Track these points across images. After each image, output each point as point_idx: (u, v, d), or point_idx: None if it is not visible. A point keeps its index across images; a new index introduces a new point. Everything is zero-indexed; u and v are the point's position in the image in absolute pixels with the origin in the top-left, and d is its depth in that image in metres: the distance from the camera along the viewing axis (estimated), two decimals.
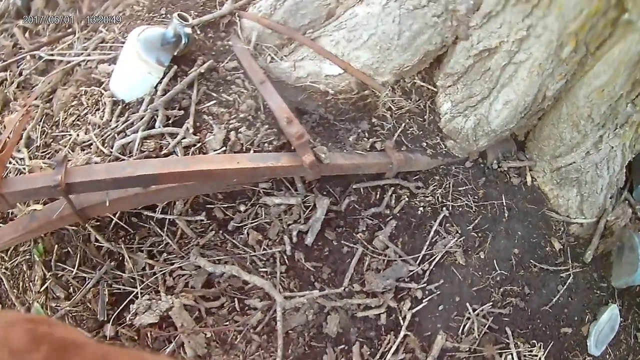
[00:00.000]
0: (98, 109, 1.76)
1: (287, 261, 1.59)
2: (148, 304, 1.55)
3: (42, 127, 1.83)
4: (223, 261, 1.58)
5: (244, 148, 1.60)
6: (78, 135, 1.70)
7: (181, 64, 1.72)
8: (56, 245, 1.68)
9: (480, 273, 1.76)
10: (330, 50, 1.72)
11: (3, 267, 1.76)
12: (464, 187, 1.77)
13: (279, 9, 1.79)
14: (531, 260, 1.81)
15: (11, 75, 2.08)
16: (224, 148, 1.59)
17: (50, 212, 1.62)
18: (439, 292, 1.71)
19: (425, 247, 1.70)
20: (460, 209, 1.75)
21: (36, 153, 1.79)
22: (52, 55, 2.01)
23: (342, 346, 1.60)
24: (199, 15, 1.88)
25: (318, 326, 1.58)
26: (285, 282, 1.58)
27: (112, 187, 1.51)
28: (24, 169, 1.77)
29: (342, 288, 1.60)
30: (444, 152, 1.76)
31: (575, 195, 1.91)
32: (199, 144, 1.60)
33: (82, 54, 1.95)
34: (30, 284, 1.71)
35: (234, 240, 1.60)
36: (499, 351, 1.74)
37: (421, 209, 1.71)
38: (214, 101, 1.67)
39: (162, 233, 1.61)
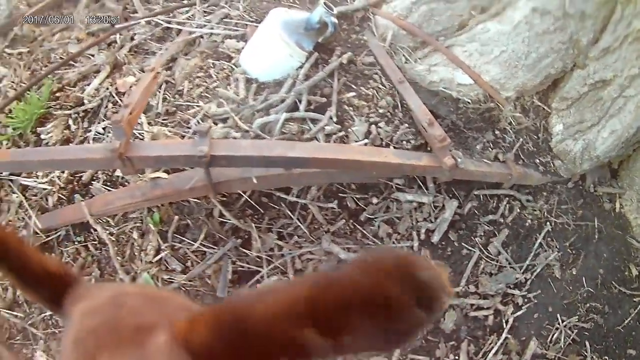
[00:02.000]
0: (229, 84, 1.74)
1: None
2: None
3: (163, 95, 1.78)
4: (353, 250, 1.60)
5: (383, 143, 1.64)
6: (210, 107, 1.68)
7: (320, 51, 1.74)
8: (176, 217, 1.64)
9: (570, 288, 1.87)
10: (463, 61, 1.79)
11: (108, 232, 1.70)
12: (565, 206, 1.89)
13: (414, 12, 1.85)
14: (612, 282, 1.95)
15: (122, 38, 2.01)
16: (365, 141, 1.62)
17: (177, 181, 1.60)
18: (535, 301, 1.80)
19: (529, 258, 1.79)
20: (560, 226, 1.86)
21: (156, 120, 1.74)
22: (169, 23, 1.96)
23: (453, 342, 1.66)
24: (325, 5, 1.90)
25: (436, 321, 1.64)
26: None
27: (258, 164, 1.51)
28: (142, 134, 1.72)
29: (460, 288, 1.67)
30: (552, 170, 1.87)
31: None
32: (340, 133, 1.62)
33: (204, 26, 1.91)
34: (142, 253, 1.66)
35: (364, 231, 1.63)
36: None
37: (529, 221, 1.81)
38: (354, 93, 1.70)
39: (292, 216, 1.62)
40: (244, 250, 1.59)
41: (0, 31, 2.24)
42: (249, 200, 1.60)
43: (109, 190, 1.73)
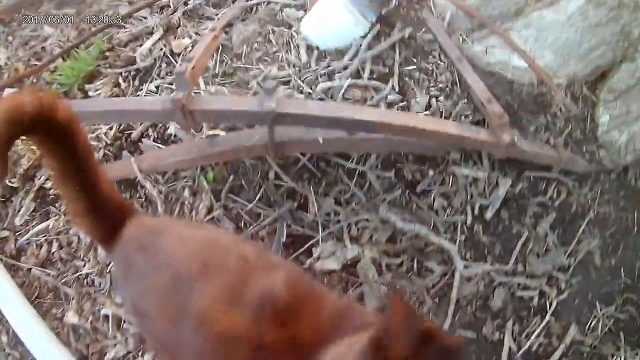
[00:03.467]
0: (289, 50, 1.74)
1: (466, 231, 1.64)
2: (333, 250, 1.53)
3: (220, 57, 1.78)
4: (408, 220, 1.59)
5: (442, 116, 1.65)
6: (270, 70, 1.67)
7: (381, 24, 1.76)
8: (231, 176, 1.62)
9: (609, 277, 1.88)
10: (519, 45, 1.82)
11: (157, 189, 1.67)
12: (608, 196, 1.91)
13: None
14: None
15: (175, 2, 2.01)
16: (426, 112, 1.63)
17: (237, 139, 1.58)
18: (576, 287, 1.81)
19: (573, 243, 1.80)
20: (602, 215, 1.88)
21: (214, 80, 1.73)
22: None
23: (499, 320, 1.66)
24: None
25: (485, 298, 1.63)
26: (462, 251, 1.62)
27: (323, 125, 1.51)
28: (199, 94, 1.70)
29: (509, 266, 1.67)
30: (597, 159, 1.90)
31: None
32: (401, 103, 1.63)
33: None
34: (193, 212, 1.63)
35: (419, 202, 1.63)
36: (613, 353, 1.87)
37: (574, 207, 1.83)
38: (414, 67, 1.72)
39: (350, 183, 1.61)
40: (300, 214, 1.57)
41: None
42: (307, 164, 1.60)
43: (160, 147, 1.71)
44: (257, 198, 1.59)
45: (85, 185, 0.93)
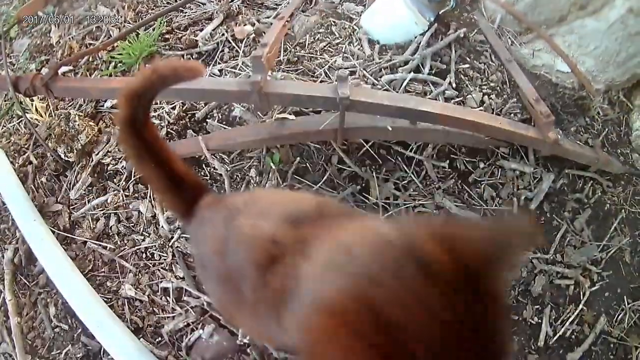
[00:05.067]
0: (351, 42, 1.83)
1: None
2: None
3: (283, 45, 1.85)
4: (461, 207, 1.69)
5: (494, 113, 1.75)
6: (335, 60, 1.76)
7: (438, 23, 1.85)
8: (297, 159, 1.70)
9: (637, 273, 2.01)
10: (563, 50, 1.94)
11: (224, 167, 1.73)
12: (639, 197, 2.04)
13: (520, 1, 1.99)
14: None
15: None
16: (480, 108, 1.73)
17: (306, 123, 1.66)
18: (607, 281, 1.93)
19: (606, 238, 1.92)
20: (633, 215, 2.01)
21: (280, 67, 1.81)
22: None
23: (537, 306, 1.77)
24: None
25: (527, 284, 1.74)
26: None
27: (390, 114, 1.60)
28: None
29: (549, 255, 1.78)
30: (630, 162, 2.02)
31: None
32: (457, 98, 1.73)
33: None
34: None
35: (470, 191, 1.73)
36: (637, 345, 2.00)
37: (608, 205, 1.95)
38: (468, 65, 1.82)
39: (408, 170, 1.70)
40: (362, 196, 1.66)
41: None
42: (370, 150, 1.68)
43: (225, 128, 1.78)
44: (322, 180, 1.67)
45: (160, 164, 1.00)
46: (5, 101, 2.23)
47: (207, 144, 1.70)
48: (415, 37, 1.80)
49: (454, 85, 1.73)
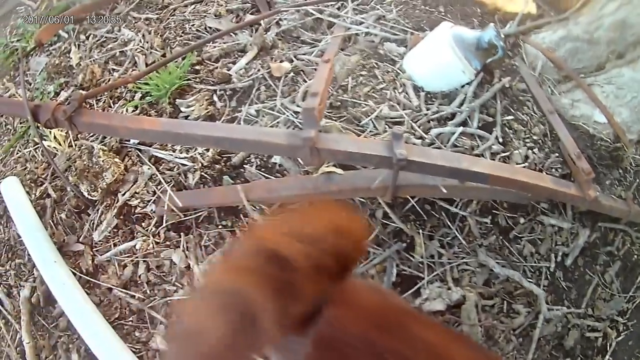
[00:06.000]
0: (396, 88, 1.77)
1: (549, 277, 1.76)
2: (439, 291, 1.61)
3: None
4: (501, 264, 1.69)
5: (536, 168, 1.74)
6: (382, 109, 1.70)
7: (483, 72, 1.81)
8: None
9: None
10: (601, 101, 1.94)
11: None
12: None
13: (561, 47, 1.97)
14: None
15: (266, 22, 1.97)
16: (524, 164, 1.72)
17: (354, 179, 1.61)
18: (632, 330, 1.99)
19: (632, 289, 1.97)
20: None
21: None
22: (320, 13, 1.95)
23: (569, 359, 1.80)
24: (480, 26, 1.98)
25: (560, 338, 1.77)
26: (546, 295, 1.74)
27: (445, 174, 1.56)
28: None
29: (582, 309, 1.81)
30: None
31: None
32: (503, 154, 1.71)
33: (361, 23, 1.92)
34: None
35: (510, 247, 1.73)
36: None
37: (635, 256, 1.99)
38: (512, 117, 1.79)
39: (451, 226, 1.68)
40: (408, 254, 1.63)
41: None
42: (415, 205, 1.65)
43: (264, 176, 1.71)
44: (367, 237, 1.63)
45: None
46: (20, 123, 2.08)
47: (248, 194, 1.63)
48: (463, 87, 1.76)
49: (500, 139, 1.71)
